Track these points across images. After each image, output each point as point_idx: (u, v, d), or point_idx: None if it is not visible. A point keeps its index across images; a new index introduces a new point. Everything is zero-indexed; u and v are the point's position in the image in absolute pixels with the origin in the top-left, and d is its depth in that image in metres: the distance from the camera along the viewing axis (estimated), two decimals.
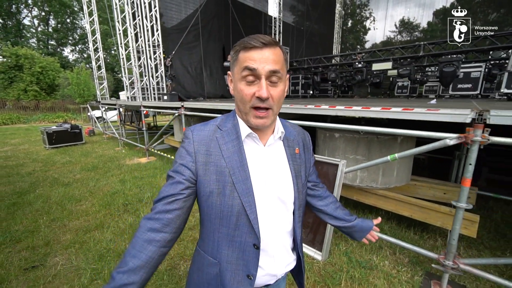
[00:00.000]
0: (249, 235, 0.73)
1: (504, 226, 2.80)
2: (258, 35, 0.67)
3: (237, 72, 0.69)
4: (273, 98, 0.68)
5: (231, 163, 0.72)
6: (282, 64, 0.68)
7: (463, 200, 1.76)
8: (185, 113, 4.30)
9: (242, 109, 0.71)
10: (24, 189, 4.03)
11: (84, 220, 3.03)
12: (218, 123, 0.78)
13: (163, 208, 0.69)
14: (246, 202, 0.71)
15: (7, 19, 26.25)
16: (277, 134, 0.79)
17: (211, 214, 0.73)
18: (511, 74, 3.66)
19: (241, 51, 0.68)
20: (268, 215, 0.76)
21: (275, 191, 0.77)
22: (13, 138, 9.30)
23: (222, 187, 0.71)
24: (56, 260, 2.31)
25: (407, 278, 2.05)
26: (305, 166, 0.87)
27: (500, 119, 1.55)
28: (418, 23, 19.92)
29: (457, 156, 3.40)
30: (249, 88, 0.67)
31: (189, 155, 0.72)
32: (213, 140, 0.74)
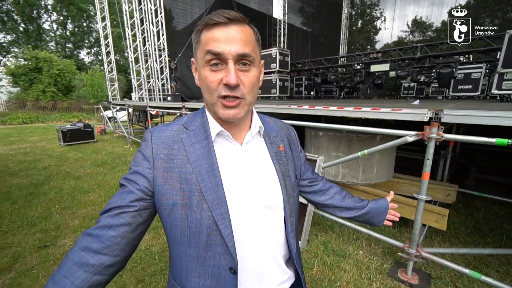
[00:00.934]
0: (223, 256, 0.60)
1: (483, 223, 2.90)
2: (222, 10, 0.56)
3: (200, 57, 0.59)
4: (244, 85, 0.57)
5: (199, 167, 0.60)
6: (254, 46, 0.58)
7: (423, 193, 1.92)
8: (186, 113, 4.58)
9: (209, 100, 0.60)
10: (39, 181, 4.42)
11: (91, 209, 3.35)
12: (184, 121, 0.67)
13: (105, 223, 0.56)
14: (218, 214, 0.59)
15: (28, 24, 27.67)
16: (254, 130, 0.69)
17: (175, 232, 0.61)
18: (501, 75, 3.73)
19: (203, 30, 0.57)
20: (250, 228, 0.64)
21: (259, 197, 0.65)
22: (32, 136, 9.93)
23: (188, 197, 0.59)
24: (65, 241, 2.61)
25: (376, 266, 2.22)
26: (294, 165, 0.77)
27: (451, 118, 1.71)
28: (431, 23, 19.51)
29: (443, 155, 3.51)
30: (215, 74, 0.56)
31: (146, 160, 0.61)
32: (176, 141, 0.63)
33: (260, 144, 0.72)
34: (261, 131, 0.72)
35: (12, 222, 2.97)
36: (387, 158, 2.91)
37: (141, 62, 7.05)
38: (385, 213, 0.88)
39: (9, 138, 9.33)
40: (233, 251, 0.60)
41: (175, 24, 8.35)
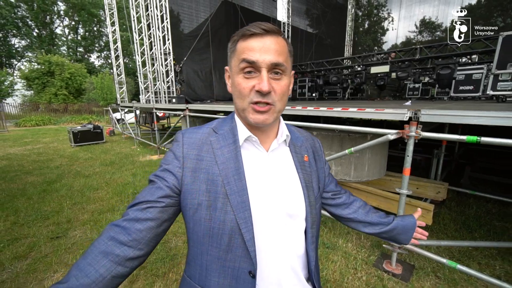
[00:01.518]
0: (243, 259, 0.61)
1: (473, 219, 2.98)
2: (258, 22, 0.59)
3: (234, 65, 0.62)
4: (275, 93, 0.59)
5: (226, 170, 0.62)
6: (286, 57, 0.61)
7: (404, 187, 2.04)
8: (190, 114, 4.79)
9: (240, 105, 0.62)
10: (52, 179, 4.69)
11: (99, 205, 3.57)
12: (213, 125, 0.70)
13: (133, 216, 0.58)
14: (241, 218, 0.60)
15: (42, 29, 28.69)
16: (281, 138, 0.70)
17: (198, 232, 0.62)
18: (496, 76, 3.80)
19: (239, 40, 0.60)
20: (270, 235, 0.64)
21: (281, 205, 0.66)
22: (44, 137, 10.36)
23: (213, 198, 0.61)
24: (75, 233, 2.83)
25: (363, 257, 2.34)
26: (317, 177, 0.76)
27: (428, 117, 1.83)
28: (440, 23, 19.21)
29: (436, 155, 3.59)
30: (248, 81, 0.59)
31: (177, 159, 0.64)
32: (206, 143, 0.65)
33: (285, 152, 0.72)
34: (287, 140, 0.72)
35: (28, 216, 3.22)
36: (378, 157, 3.02)
37: (148, 66, 7.33)
38: (412, 231, 0.83)
39: (24, 139, 9.77)
40: (253, 256, 0.61)
41: (182, 28, 8.64)
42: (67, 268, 2.22)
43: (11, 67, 27.65)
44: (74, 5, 28.84)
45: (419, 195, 3.11)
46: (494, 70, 3.73)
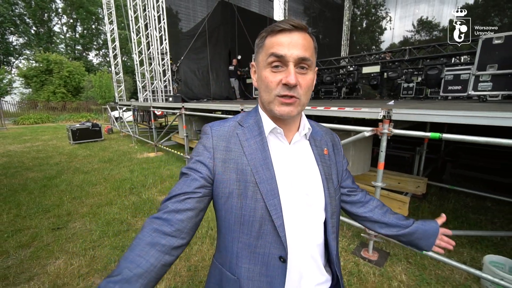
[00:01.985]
0: (274, 245, 0.63)
1: (450, 212, 3.17)
2: (287, 18, 0.62)
3: (262, 60, 0.64)
4: (301, 86, 0.61)
5: (254, 160, 0.65)
6: (312, 52, 0.63)
7: (379, 180, 2.22)
8: (185, 113, 4.95)
9: (266, 98, 0.64)
10: (52, 175, 4.85)
11: (97, 199, 3.74)
12: (239, 119, 0.72)
13: (173, 207, 0.61)
14: (271, 205, 0.62)
15: (40, 26, 28.63)
16: (303, 131, 0.72)
17: (230, 219, 0.65)
18: (477, 77, 3.98)
19: (267, 36, 0.62)
20: (295, 222, 0.67)
21: (303, 194, 0.68)
22: (43, 135, 10.48)
23: (244, 187, 0.63)
24: (75, 225, 3.00)
25: (344, 246, 2.52)
26: (337, 169, 0.78)
27: (398, 116, 2.01)
28: (437, 22, 19.28)
29: (418, 152, 3.77)
30: (275, 75, 0.61)
31: (207, 150, 0.66)
32: (233, 136, 0.68)
33: (306, 145, 0.74)
34: (308, 134, 0.74)
35: (29, 209, 3.38)
36: (362, 153, 3.21)
37: (146, 65, 7.47)
38: (434, 237, 0.80)
39: (23, 137, 9.89)
40: (284, 241, 0.63)
41: (181, 26, 8.77)
42: (69, 256, 2.39)
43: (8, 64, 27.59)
44: (72, 2, 28.81)
45: (401, 189, 3.30)
46: (475, 71, 3.92)
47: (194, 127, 5.82)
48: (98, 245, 2.56)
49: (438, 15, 17.46)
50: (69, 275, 2.13)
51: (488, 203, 3.45)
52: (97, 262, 2.30)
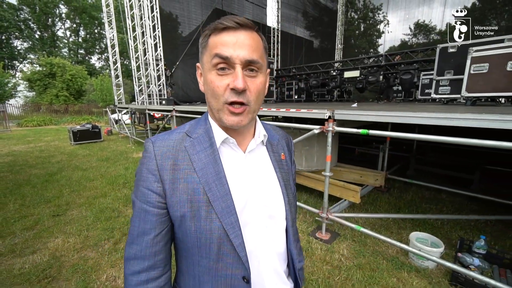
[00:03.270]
0: (235, 266, 0.60)
1: (404, 202, 3.56)
2: (232, 15, 0.57)
3: (206, 61, 0.57)
4: (250, 92, 0.56)
5: (206, 176, 0.59)
6: (262, 53, 0.58)
7: (327, 170, 2.62)
8: (176, 115, 5.39)
9: (214, 105, 0.58)
10: (53, 172, 5.29)
11: (94, 192, 4.16)
12: (186, 129, 0.65)
13: (149, 252, 0.59)
14: (228, 223, 0.58)
15: (43, 31, 29.35)
16: (258, 138, 0.68)
17: (187, 243, 0.60)
18: (438, 82, 4.38)
19: (211, 35, 0.56)
20: (255, 238, 0.64)
21: (262, 206, 0.65)
22: (46, 136, 10.96)
23: (196, 208, 0.58)
24: (73, 212, 3.41)
25: (303, 229, 2.92)
26: (292, 174, 0.78)
27: (339, 116, 2.42)
28: (434, 25, 19.52)
29: (381, 149, 4.17)
30: (221, 79, 0.55)
31: (152, 173, 0.59)
32: (180, 150, 0.61)
33: (262, 152, 0.70)
34: (265, 140, 0.70)
35: (33, 200, 3.80)
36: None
37: (142, 70, 7.94)
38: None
39: (26, 138, 10.38)
40: (245, 260, 0.60)
41: (175, 33, 9.25)
42: (66, 235, 2.80)
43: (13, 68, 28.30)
44: (76, 8, 29.48)
45: (362, 182, 3.70)
46: (435, 76, 4.32)
47: None
48: (92, 227, 2.97)
49: (436, 18, 17.42)
50: (66, 250, 2.54)
51: (443, 195, 3.84)
52: (90, 240, 2.71)
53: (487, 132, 1.78)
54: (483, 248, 2.24)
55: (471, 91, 3.20)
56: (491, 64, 2.98)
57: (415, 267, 2.24)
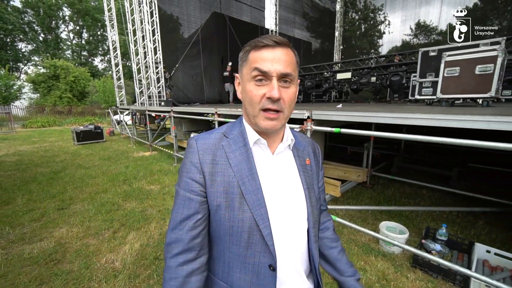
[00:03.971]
0: (263, 254, 0.65)
1: (384, 197, 3.80)
2: (270, 34, 0.65)
3: (246, 73, 0.65)
4: (284, 100, 0.63)
5: (240, 172, 0.66)
6: (294, 67, 0.65)
7: None
8: (174, 116, 5.66)
9: (251, 112, 0.65)
10: (58, 170, 5.58)
11: (95, 188, 4.43)
12: (224, 130, 0.74)
13: (189, 236, 0.66)
14: (258, 215, 0.64)
15: (47, 33, 29.83)
16: (286, 142, 0.74)
17: (220, 231, 0.67)
18: (421, 84, 4.61)
19: (251, 50, 0.64)
20: (282, 232, 0.68)
21: (287, 204, 0.70)
22: (50, 137, 11.30)
23: (231, 199, 0.65)
24: (76, 206, 3.69)
25: None
26: (317, 180, 0.82)
27: (316, 116, 2.66)
28: (435, 26, 19.47)
29: (366, 147, 4.39)
30: (259, 88, 0.62)
31: (194, 166, 0.67)
32: (219, 148, 0.69)
33: (288, 156, 0.75)
34: (291, 144, 0.76)
35: (39, 195, 4.08)
36: None
37: (142, 73, 8.23)
38: None
39: (31, 139, 10.72)
40: (273, 249, 0.64)
41: (181, 32, 9.52)
42: (70, 226, 3.07)
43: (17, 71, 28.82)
44: (79, 10, 29.94)
45: (346, 178, 3.92)
46: (418, 78, 4.55)
47: (184, 128, 6.52)
48: (93, 219, 3.24)
49: (436, 19, 17.18)
50: (70, 238, 2.81)
51: (423, 191, 4.06)
52: (91, 229, 2.98)
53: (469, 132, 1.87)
54: (444, 235, 2.47)
55: (445, 92, 3.42)
56: (462, 68, 3.21)
57: (382, 252, 2.48)
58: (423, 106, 4.40)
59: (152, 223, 3.10)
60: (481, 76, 3.06)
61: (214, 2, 10.21)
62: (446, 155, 4.90)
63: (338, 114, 2.49)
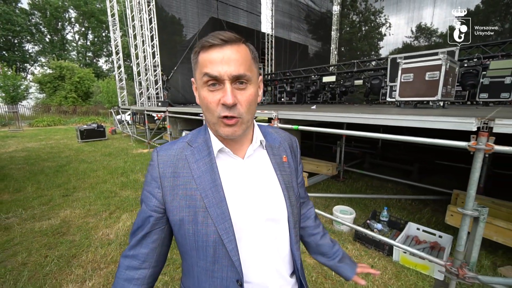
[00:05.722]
0: (230, 269, 0.63)
1: (352, 189, 4.26)
2: (218, 31, 0.58)
3: (198, 78, 0.61)
4: (241, 104, 0.59)
5: (202, 184, 0.63)
6: (250, 65, 0.60)
7: None
8: (169, 115, 6.17)
9: (210, 119, 0.62)
10: (62, 164, 6.12)
11: (96, 179, 4.95)
12: (188, 139, 0.70)
13: (136, 243, 0.67)
14: (222, 229, 0.62)
15: (53, 35, 30.63)
16: (255, 143, 0.70)
17: (186, 245, 0.66)
18: (391, 87, 5.06)
19: (200, 52, 0.59)
20: (254, 241, 0.66)
21: (263, 210, 0.66)
22: (55, 135, 11.91)
23: (193, 213, 0.63)
24: (78, 194, 4.20)
25: None
26: (296, 176, 0.78)
27: (282, 116, 3.13)
28: (435, 28, 19.54)
29: (338, 145, 4.85)
30: (213, 94, 0.58)
31: (154, 180, 0.66)
32: (181, 159, 0.66)
33: (262, 156, 0.72)
34: (263, 144, 0.72)
35: (46, 185, 4.61)
36: None
37: (142, 75, 8.78)
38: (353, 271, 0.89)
39: (38, 137, 11.33)
40: (238, 265, 0.63)
41: (180, 36, 10.04)
42: (73, 208, 3.58)
43: (24, 71, 29.64)
44: (85, 12, 30.70)
45: (318, 172, 4.39)
46: (388, 82, 5.00)
47: (179, 126, 7.03)
48: (93, 203, 3.75)
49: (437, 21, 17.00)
50: (73, 217, 3.32)
51: (389, 184, 4.51)
52: (91, 211, 3.48)
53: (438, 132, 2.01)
54: (385, 217, 2.93)
55: (402, 96, 3.87)
56: (415, 74, 3.65)
57: (333, 230, 2.94)
58: (392, 107, 4.85)
59: None
60: (430, 81, 3.51)
61: (212, 8, 10.74)
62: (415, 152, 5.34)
63: (297, 114, 2.96)
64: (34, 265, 2.33)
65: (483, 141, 1.64)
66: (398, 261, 2.39)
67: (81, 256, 2.47)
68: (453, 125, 1.80)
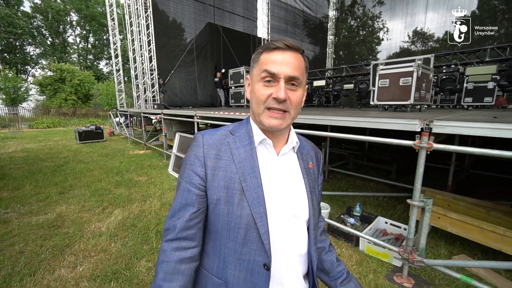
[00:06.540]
0: (258, 252, 0.66)
1: (333, 186, 4.48)
2: (283, 38, 0.69)
3: (256, 74, 0.68)
4: (291, 102, 0.65)
5: (242, 168, 0.68)
6: (303, 72, 0.67)
7: None
8: (164, 118, 6.41)
9: (256, 110, 0.68)
10: (60, 164, 6.34)
11: (92, 178, 5.17)
12: (230, 128, 0.76)
13: (183, 226, 0.68)
14: (256, 212, 0.65)
15: (55, 37, 30.99)
16: (291, 144, 0.76)
17: (217, 225, 0.68)
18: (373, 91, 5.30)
19: (263, 52, 0.67)
20: (280, 231, 0.69)
21: (288, 205, 0.71)
22: (55, 137, 12.14)
23: (231, 194, 0.66)
24: (74, 192, 4.42)
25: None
26: (318, 183, 0.84)
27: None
28: (432, 33, 19.73)
29: (323, 146, 5.08)
30: (267, 88, 0.65)
31: (198, 159, 0.70)
32: (224, 144, 0.71)
33: (293, 158, 0.78)
34: (296, 147, 0.78)
35: (44, 183, 4.83)
36: None
37: (139, 78, 9.04)
38: None
39: (37, 138, 11.56)
40: (268, 248, 0.65)
41: (177, 41, 10.32)
42: (69, 204, 3.80)
43: (25, 73, 29.94)
44: (86, 15, 31.09)
45: None
46: (371, 87, 5.24)
47: (174, 128, 7.26)
48: (88, 200, 3.97)
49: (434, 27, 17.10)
50: (68, 212, 3.54)
51: (371, 184, 4.73)
52: (86, 207, 3.71)
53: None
54: (358, 212, 3.15)
55: (380, 100, 4.11)
56: (390, 80, 3.90)
57: None
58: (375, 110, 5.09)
59: (135, 203, 3.82)
60: (403, 87, 3.75)
61: (208, 14, 11.04)
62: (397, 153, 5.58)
63: None
64: (30, 254, 2.55)
65: (425, 140, 1.88)
66: (363, 250, 2.61)
67: (73, 246, 2.69)
68: (401, 126, 2.04)
